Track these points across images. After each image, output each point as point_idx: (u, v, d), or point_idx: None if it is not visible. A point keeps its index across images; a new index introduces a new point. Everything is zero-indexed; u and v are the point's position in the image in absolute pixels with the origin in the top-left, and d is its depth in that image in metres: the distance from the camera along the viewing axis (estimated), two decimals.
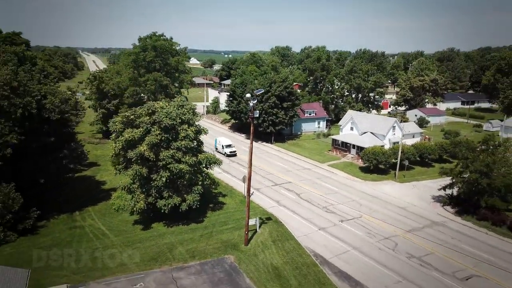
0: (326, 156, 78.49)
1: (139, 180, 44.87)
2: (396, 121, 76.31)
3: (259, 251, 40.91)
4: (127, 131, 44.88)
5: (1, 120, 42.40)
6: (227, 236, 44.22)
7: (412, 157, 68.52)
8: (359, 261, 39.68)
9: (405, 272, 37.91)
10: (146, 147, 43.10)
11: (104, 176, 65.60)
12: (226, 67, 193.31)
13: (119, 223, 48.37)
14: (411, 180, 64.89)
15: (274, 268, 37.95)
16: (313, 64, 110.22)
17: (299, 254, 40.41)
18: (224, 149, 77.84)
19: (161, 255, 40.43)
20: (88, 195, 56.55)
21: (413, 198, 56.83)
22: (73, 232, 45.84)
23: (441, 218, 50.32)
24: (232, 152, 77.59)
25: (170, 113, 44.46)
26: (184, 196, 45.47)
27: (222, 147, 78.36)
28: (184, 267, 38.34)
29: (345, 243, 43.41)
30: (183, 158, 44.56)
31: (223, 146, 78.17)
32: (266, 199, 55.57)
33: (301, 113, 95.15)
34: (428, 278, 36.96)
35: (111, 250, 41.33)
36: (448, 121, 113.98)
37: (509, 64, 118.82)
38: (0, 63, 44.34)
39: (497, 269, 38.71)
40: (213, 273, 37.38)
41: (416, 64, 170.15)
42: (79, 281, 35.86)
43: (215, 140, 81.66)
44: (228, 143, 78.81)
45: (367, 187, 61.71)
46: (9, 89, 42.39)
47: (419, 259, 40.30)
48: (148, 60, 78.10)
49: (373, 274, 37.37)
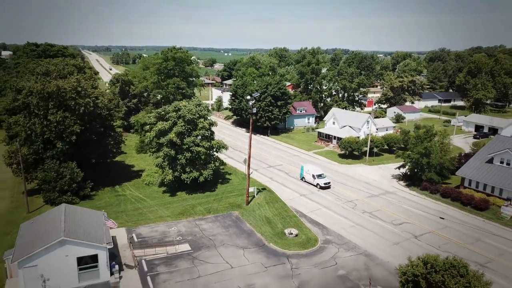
0: (313, 146, 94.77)
1: (168, 159, 61.02)
2: (370, 116, 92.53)
3: (256, 208, 57.21)
4: (159, 123, 61.03)
5: (69, 115, 58.54)
6: (233, 200, 60.50)
7: (381, 146, 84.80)
8: (327, 215, 56.02)
9: (358, 220, 54.25)
10: (174, 135, 59.20)
11: (132, 161, 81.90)
12: (227, 67, 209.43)
13: (151, 192, 64.51)
14: (378, 163, 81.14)
15: (266, 218, 54.26)
16: (304, 68, 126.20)
17: (284, 210, 56.71)
18: (315, 180, 66.15)
19: (186, 211, 56.72)
20: (123, 174, 72.74)
21: (376, 176, 73.14)
22: (118, 198, 61.98)
23: (393, 189, 66.65)
24: (327, 184, 65.21)
25: (191, 110, 60.69)
26: (201, 171, 61.68)
27: (312, 177, 66.75)
28: (203, 218, 54.67)
29: (319, 204, 59.76)
30: (200, 143, 60.79)
31: (313, 176, 66.59)
32: (262, 176, 71.79)
33: (293, 110, 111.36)
34: (373, 224, 53.28)
35: (150, 208, 57.63)
36: (422, 117, 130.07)
37: (477, 67, 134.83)
38: (66, 74, 60.34)
39: (425, 219, 54.93)
40: (224, 221, 53.70)
41: (401, 66, 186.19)
42: (132, 226, 52.09)
43: (301, 168, 69.98)
44: (319, 172, 67.02)
45: (342, 168, 78.03)
46: (75, 93, 58.48)
47: (370, 213, 56.65)
48: (169, 68, 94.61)
49: (335, 222, 53.71)
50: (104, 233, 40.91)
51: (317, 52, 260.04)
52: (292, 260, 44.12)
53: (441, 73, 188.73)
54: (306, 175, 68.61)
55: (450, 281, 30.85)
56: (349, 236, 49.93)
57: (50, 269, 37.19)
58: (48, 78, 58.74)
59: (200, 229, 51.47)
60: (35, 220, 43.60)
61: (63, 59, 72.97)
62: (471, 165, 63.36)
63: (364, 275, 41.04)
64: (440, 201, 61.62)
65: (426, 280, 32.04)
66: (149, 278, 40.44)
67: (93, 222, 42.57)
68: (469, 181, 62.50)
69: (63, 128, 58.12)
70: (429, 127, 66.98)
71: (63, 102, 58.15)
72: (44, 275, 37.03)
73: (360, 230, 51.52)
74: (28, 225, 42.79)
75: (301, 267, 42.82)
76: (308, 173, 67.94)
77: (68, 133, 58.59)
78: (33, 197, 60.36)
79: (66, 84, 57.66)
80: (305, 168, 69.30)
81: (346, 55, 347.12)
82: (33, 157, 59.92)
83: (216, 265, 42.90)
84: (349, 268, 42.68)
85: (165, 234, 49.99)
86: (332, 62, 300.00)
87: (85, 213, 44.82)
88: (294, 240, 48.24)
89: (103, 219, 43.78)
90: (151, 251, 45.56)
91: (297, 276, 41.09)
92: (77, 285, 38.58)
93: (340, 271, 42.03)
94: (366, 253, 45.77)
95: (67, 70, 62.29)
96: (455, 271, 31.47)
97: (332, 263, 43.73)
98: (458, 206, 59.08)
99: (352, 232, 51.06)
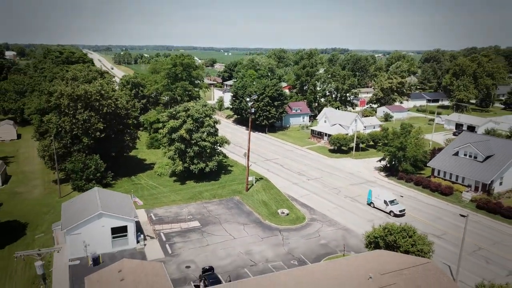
0: (306, 142, 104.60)
1: (179, 152, 70.75)
2: (357, 115, 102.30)
3: (254, 194, 67.01)
4: (171, 121, 70.75)
5: (94, 114, 68.25)
6: (235, 187, 70.30)
7: (367, 142, 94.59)
8: (314, 199, 65.86)
9: (340, 203, 64.11)
10: (184, 131, 68.90)
11: (143, 156, 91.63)
12: (228, 69, 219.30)
13: (163, 181, 74.23)
14: (364, 157, 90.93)
15: (263, 201, 64.06)
16: (300, 71, 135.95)
17: (278, 195, 66.52)
18: (388, 207, 59.70)
19: (194, 196, 66.52)
20: (137, 166, 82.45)
21: (360, 168, 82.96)
22: (135, 186, 71.72)
23: (374, 179, 76.47)
24: (402, 211, 58.81)
25: (198, 110, 70.45)
26: (207, 163, 71.44)
27: (384, 203, 60.23)
28: (210, 202, 64.46)
29: (308, 190, 69.59)
30: (206, 138, 70.52)
31: (385, 202, 60.09)
32: (260, 168, 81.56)
33: (289, 110, 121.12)
34: (353, 206, 63.12)
35: (163, 194, 67.40)
36: (410, 116, 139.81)
37: (462, 69, 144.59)
38: (91, 79, 70.09)
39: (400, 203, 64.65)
40: (227, 204, 63.52)
41: (393, 67, 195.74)
42: (149, 208, 61.81)
43: (369, 192, 63.21)
44: (392, 198, 60.69)
45: (331, 161, 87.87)
46: (99, 95, 68.21)
47: (351, 198, 66.49)
48: (178, 73, 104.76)
49: (320, 204, 63.56)
50: (132, 209, 50.76)
51: (314, 53, 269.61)
52: (284, 233, 53.96)
53: (431, 74, 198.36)
54: (375, 201, 61.80)
55: (400, 240, 40.75)
56: (331, 215, 59.78)
57: (90, 237, 46.96)
58: (76, 83, 68.40)
59: (207, 210, 61.29)
60: (74, 200, 53.48)
61: (88, 65, 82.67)
62: (440, 158, 73.16)
63: (340, 244, 50.87)
64: (413, 188, 71.42)
65: (384, 240, 41.92)
66: (167, 245, 50.23)
67: (122, 201, 52.43)
68: (438, 171, 72.32)
69: (89, 125, 67.85)
70: (405, 125, 76.66)
71: (89, 103, 67.88)
72: (85, 241, 46.82)
73: (342, 211, 61.38)
74: (69, 204, 52.64)
75: (291, 238, 52.64)
76: (379, 199, 61.23)
77: (93, 130, 68.35)
78: (62, 185, 70.02)
79: (91, 88, 67.43)
80: (374, 193, 62.33)
81: (343, 54, 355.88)
82: (62, 151, 69.65)
83: (221, 236, 52.70)
84: (329, 238, 52.53)
85: (178, 214, 59.79)
86: (329, 63, 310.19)
87: (114, 194, 54.71)
88: (285, 218, 58.08)
89: (130, 199, 53.63)
90: (168, 226, 55.39)
91: (287, 244, 50.92)
92: (111, 250, 48.36)
93: (322, 241, 51.87)
94: (345, 228, 55.59)
95: (91, 75, 72.00)
96: (405, 233, 41.39)
97: (316, 235, 53.56)
98: (427, 193, 68.91)
99: (335, 212, 60.91)
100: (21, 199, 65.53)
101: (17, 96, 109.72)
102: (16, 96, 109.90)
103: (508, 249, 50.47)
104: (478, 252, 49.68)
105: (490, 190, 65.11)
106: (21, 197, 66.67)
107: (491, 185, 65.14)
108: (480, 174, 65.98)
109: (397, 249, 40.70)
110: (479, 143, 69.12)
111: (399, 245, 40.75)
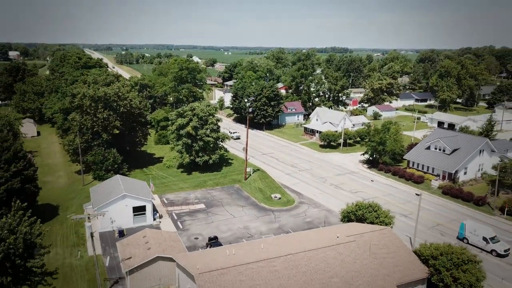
0: (300, 138, 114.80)
1: (186, 147, 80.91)
2: (346, 114, 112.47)
3: (251, 182, 77.23)
4: (179, 119, 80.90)
5: (112, 113, 78.38)
6: (235, 177, 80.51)
7: (354, 138, 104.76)
8: (303, 186, 76.12)
9: (326, 190, 74.39)
10: (191, 128, 79.02)
11: (152, 151, 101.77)
12: (228, 69, 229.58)
13: (172, 172, 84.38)
14: (350, 152, 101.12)
15: (259, 188, 74.29)
16: (295, 73, 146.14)
17: (272, 183, 76.74)
18: (488, 245, 52.00)
19: (200, 184, 76.73)
20: (147, 160, 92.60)
21: (346, 161, 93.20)
22: (147, 176, 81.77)
23: (357, 170, 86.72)
24: (507, 250, 51.02)
25: (203, 109, 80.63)
26: (211, 156, 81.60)
27: (483, 239, 52.43)
28: (213, 189, 74.69)
29: (299, 179, 79.86)
30: (210, 134, 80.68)
31: (485, 238, 52.31)
32: (257, 161, 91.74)
33: (285, 109, 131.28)
34: (336, 192, 73.39)
35: (173, 183, 77.60)
36: (398, 115, 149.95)
37: (447, 71, 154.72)
38: (109, 82, 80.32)
39: (375, 189, 74.91)
40: (228, 191, 73.75)
41: (385, 69, 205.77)
42: (161, 193, 71.97)
43: (461, 226, 55.57)
44: (492, 235, 52.82)
45: (321, 155, 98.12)
46: (116, 97, 78.36)
47: (335, 186, 76.78)
48: (183, 76, 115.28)
49: (309, 191, 73.82)
50: (149, 192, 61.03)
51: (312, 54, 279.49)
52: (276, 213, 64.22)
53: (421, 75, 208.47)
54: (470, 236, 54.07)
55: (367, 214, 50.93)
56: (317, 199, 70.05)
57: (115, 214, 57.10)
58: (96, 86, 78.50)
59: (211, 195, 71.53)
60: (100, 185, 63.77)
61: (104, 69, 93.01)
62: (415, 151, 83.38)
63: (322, 221, 61.10)
64: (391, 178, 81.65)
65: (354, 215, 52.12)
66: (179, 222, 60.47)
67: (140, 186, 62.72)
68: (413, 163, 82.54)
69: (107, 123, 78.02)
70: (386, 123, 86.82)
71: (108, 104, 78.02)
72: (112, 217, 56.98)
73: (326, 196, 71.66)
74: (96, 188, 62.91)
75: (281, 217, 62.90)
76: (475, 234, 53.47)
77: (111, 127, 78.53)
78: (84, 175, 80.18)
79: (110, 90, 77.57)
80: (468, 227, 54.50)
81: (341, 54, 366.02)
82: (84, 145, 79.79)
83: (223, 215, 62.95)
84: (313, 217, 62.80)
85: (186, 198, 69.99)
86: (327, 63, 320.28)
87: (133, 180, 65.03)
88: (278, 202, 68.33)
89: (146, 185, 63.93)
90: (178, 208, 65.63)
91: (278, 221, 61.18)
92: (132, 226, 58.53)
93: (307, 219, 62.14)
94: (327, 209, 65.86)
95: (109, 79, 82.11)
96: (371, 209, 51.57)
97: (303, 215, 63.83)
98: (402, 181, 79.14)
99: (320, 197, 71.20)
100: (50, 187, 75.63)
101: (35, 96, 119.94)
102: (34, 97, 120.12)
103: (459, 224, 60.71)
104: (436, 227, 60.00)
105: (455, 179, 75.37)
106: (50, 185, 76.78)
107: (455, 174, 75.42)
108: (447, 165, 76.22)
109: (365, 221, 50.88)
110: (447, 138, 79.36)
111: (366, 217, 50.93)
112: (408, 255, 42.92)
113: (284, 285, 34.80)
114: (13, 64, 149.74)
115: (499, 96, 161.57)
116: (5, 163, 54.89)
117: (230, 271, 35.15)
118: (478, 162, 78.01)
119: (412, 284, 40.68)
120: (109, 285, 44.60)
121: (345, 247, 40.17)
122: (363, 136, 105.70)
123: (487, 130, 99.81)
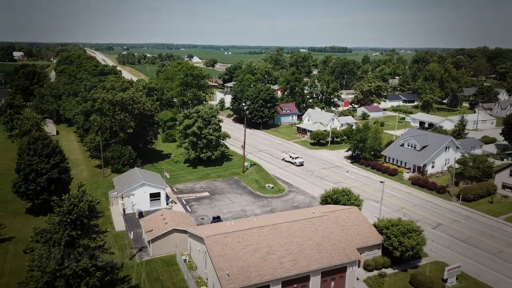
0: (293, 137, 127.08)
1: (192, 144, 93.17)
2: (334, 115, 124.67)
3: (248, 175, 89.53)
4: (185, 120, 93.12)
5: (127, 115, 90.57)
6: (234, 170, 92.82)
7: (341, 137, 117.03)
8: (293, 178, 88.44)
9: (312, 181, 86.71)
10: (196, 128, 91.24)
11: (160, 148, 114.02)
12: (228, 72, 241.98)
13: (179, 167, 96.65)
14: (337, 149, 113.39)
15: (255, 179, 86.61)
16: (290, 77, 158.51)
17: (267, 176, 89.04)
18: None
19: (204, 176, 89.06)
20: (157, 156, 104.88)
21: (333, 157, 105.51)
22: (158, 169, 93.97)
23: (341, 164, 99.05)
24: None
25: (207, 111, 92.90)
26: (213, 152, 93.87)
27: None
28: (216, 180, 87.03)
29: (290, 172, 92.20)
30: (212, 133, 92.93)
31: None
32: (254, 157, 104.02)
33: (280, 110, 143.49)
34: (321, 183, 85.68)
35: (181, 175, 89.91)
36: (385, 115, 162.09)
37: (431, 75, 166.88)
38: (125, 88, 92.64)
39: (354, 181, 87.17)
40: (229, 182, 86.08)
41: (377, 71, 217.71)
42: (171, 184, 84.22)
43: None
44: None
45: (310, 152, 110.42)
46: (131, 101, 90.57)
47: (321, 177, 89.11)
48: (189, 82, 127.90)
49: (297, 182, 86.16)
50: (162, 181, 73.37)
51: (308, 57, 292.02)
52: (268, 199, 76.53)
53: (410, 77, 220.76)
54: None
55: (340, 197, 63.15)
56: (304, 188, 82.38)
57: (136, 199, 69.36)
58: (114, 91, 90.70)
59: (214, 185, 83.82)
60: (121, 176, 76.09)
61: (118, 76, 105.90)
62: (391, 148, 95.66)
63: (306, 205, 73.39)
64: (370, 171, 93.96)
65: (331, 198, 64.35)
66: (187, 206, 72.74)
67: (155, 176, 75.02)
68: (389, 158, 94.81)
69: (124, 123, 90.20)
70: (366, 123, 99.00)
71: (124, 107, 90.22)
72: (132, 202, 69.24)
73: (312, 186, 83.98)
74: (118, 178, 75.23)
75: (273, 202, 75.21)
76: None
77: (126, 127, 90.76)
78: (103, 169, 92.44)
79: (126, 95, 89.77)
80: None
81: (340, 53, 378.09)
82: (103, 143, 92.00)
83: (224, 201, 75.24)
84: (300, 202, 75.12)
85: (193, 188, 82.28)
86: (323, 64, 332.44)
87: (149, 172, 77.32)
88: (270, 190, 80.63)
89: (160, 176, 76.23)
90: (186, 195, 77.91)
91: (270, 205, 73.49)
92: (149, 209, 70.74)
93: (295, 204, 74.45)
94: (312, 196, 78.14)
95: (125, 85, 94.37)
96: (344, 193, 63.80)
97: (291, 200, 76.14)
98: (379, 174, 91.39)
99: (307, 187, 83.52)
100: (76, 179, 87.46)
101: (53, 99, 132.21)
102: (52, 99, 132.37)
103: (421, 208, 73.14)
104: (401, 210, 72.36)
105: (424, 171, 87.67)
106: (75, 177, 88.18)
107: (424, 167, 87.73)
108: (416, 159, 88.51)
109: (339, 203, 63.10)
110: (418, 137, 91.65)
111: (340, 200, 63.15)
112: (369, 227, 55.23)
113: (270, 244, 47.05)
114: (30, 69, 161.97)
115: (480, 98, 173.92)
116: (46, 157, 67.08)
117: (230, 235, 47.39)
118: (444, 157, 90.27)
119: (370, 248, 53.02)
120: (135, 251, 56.93)
121: (318, 220, 52.40)
122: (348, 135, 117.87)
123: (459, 129, 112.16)
